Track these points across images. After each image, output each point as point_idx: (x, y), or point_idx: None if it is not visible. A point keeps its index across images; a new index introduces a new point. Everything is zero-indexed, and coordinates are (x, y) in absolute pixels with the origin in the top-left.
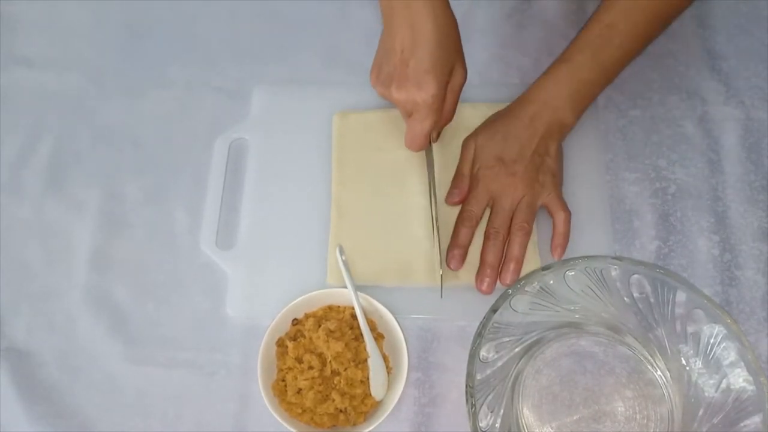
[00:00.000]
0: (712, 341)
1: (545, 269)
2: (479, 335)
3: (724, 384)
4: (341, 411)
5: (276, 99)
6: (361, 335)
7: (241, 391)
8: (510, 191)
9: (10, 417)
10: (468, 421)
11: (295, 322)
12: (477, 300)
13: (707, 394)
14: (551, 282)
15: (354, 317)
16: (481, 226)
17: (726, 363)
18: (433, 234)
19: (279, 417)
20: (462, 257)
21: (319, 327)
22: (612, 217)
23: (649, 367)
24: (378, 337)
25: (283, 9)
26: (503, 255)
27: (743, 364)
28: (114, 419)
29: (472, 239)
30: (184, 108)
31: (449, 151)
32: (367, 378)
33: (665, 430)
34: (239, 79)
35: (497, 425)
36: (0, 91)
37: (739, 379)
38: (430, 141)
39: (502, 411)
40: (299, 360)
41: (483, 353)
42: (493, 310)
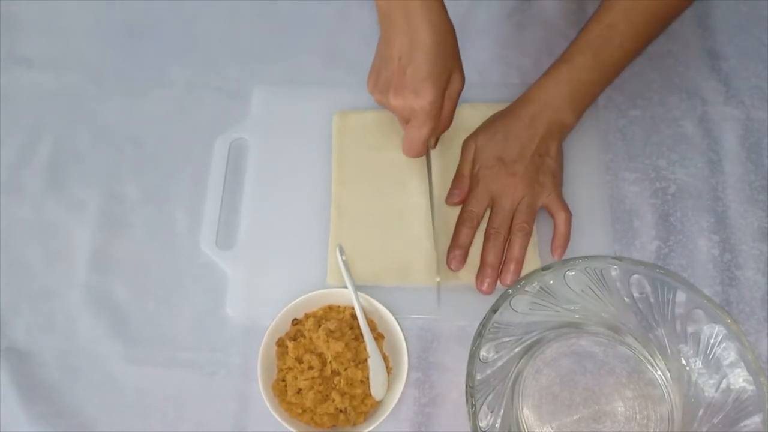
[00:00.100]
0: (712, 341)
1: (545, 269)
2: (479, 335)
3: (724, 384)
4: (341, 411)
5: (276, 99)
6: (361, 335)
7: (241, 391)
8: (510, 191)
9: (10, 417)
10: (468, 421)
11: (295, 322)
12: (477, 300)
13: (707, 394)
14: (551, 282)
15: (354, 317)
16: (481, 227)
17: (726, 363)
18: (433, 240)
19: (279, 417)
20: (463, 258)
21: (319, 327)
22: (612, 217)
23: (649, 367)
24: (378, 337)
25: (283, 9)
26: (503, 255)
27: (743, 364)
28: (114, 419)
29: (472, 240)
30: (184, 108)
31: (449, 152)
32: (367, 378)
33: (665, 430)
34: (239, 79)
35: (497, 425)
36: (0, 91)
37: (739, 379)
38: (428, 147)
39: (502, 411)
40: (299, 360)
41: (483, 353)
42: (493, 310)
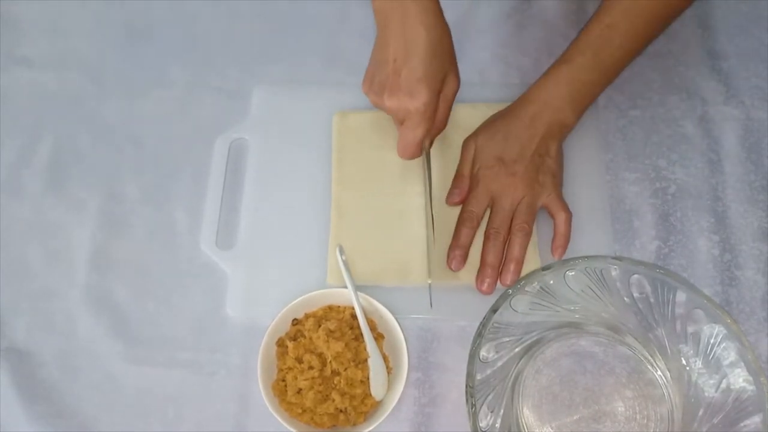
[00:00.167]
0: (712, 341)
1: (545, 269)
2: (479, 335)
3: (724, 384)
4: (341, 411)
5: (276, 99)
6: (361, 335)
7: (241, 391)
8: (510, 191)
9: (10, 417)
10: (468, 421)
11: (295, 322)
12: (477, 300)
13: (707, 394)
14: (551, 282)
15: (354, 317)
16: (481, 227)
17: (726, 363)
18: (430, 241)
19: (279, 417)
20: (463, 258)
21: (319, 327)
22: (612, 217)
23: (649, 367)
24: (378, 337)
25: (283, 9)
26: (503, 255)
27: (743, 364)
28: (114, 419)
29: (473, 240)
30: (184, 108)
31: (449, 152)
32: (367, 378)
33: (665, 430)
34: (239, 79)
35: (497, 425)
36: (0, 91)
37: (739, 379)
38: (423, 149)
39: (502, 411)
40: (299, 360)
41: (483, 353)
42: (493, 310)
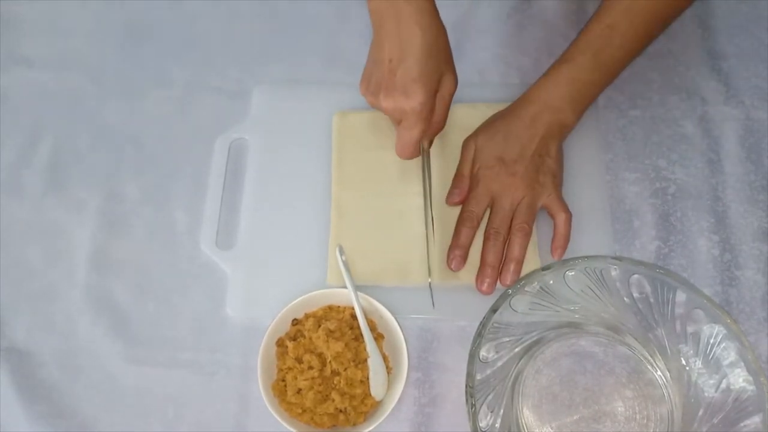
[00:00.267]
0: (712, 341)
1: (545, 269)
2: (479, 335)
3: (724, 384)
4: (341, 411)
5: (276, 99)
6: (361, 335)
7: (241, 391)
8: (510, 191)
9: (10, 417)
10: (468, 421)
11: (295, 322)
12: (477, 300)
13: (707, 394)
14: (551, 282)
15: (354, 317)
16: (481, 227)
17: (726, 363)
18: (428, 242)
19: (279, 417)
20: (463, 258)
21: (319, 327)
22: (612, 217)
23: (649, 367)
24: (378, 337)
25: (283, 9)
26: (503, 255)
27: (743, 364)
28: (114, 419)
29: (473, 240)
30: (184, 108)
31: (449, 152)
32: (367, 378)
33: (665, 430)
34: (239, 79)
35: (497, 425)
36: (0, 91)
37: (739, 379)
38: (422, 149)
39: (502, 411)
40: (299, 360)
41: (483, 353)
42: (493, 310)
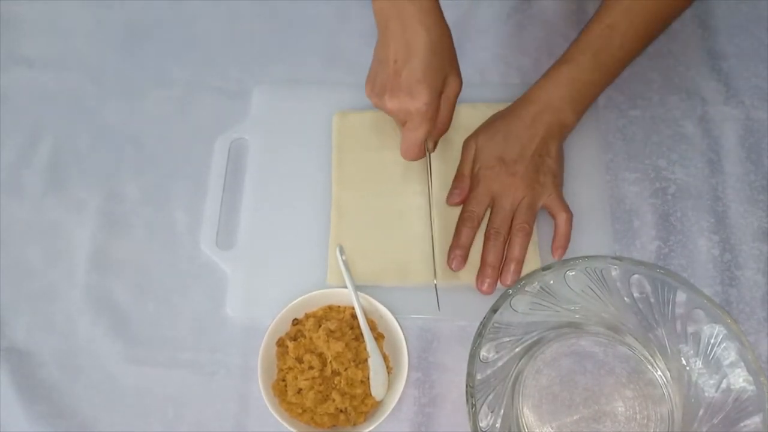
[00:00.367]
0: (712, 341)
1: (545, 269)
2: (479, 335)
3: (724, 384)
4: (341, 411)
5: (276, 99)
6: (362, 335)
7: (241, 391)
8: (511, 191)
9: (10, 417)
10: (468, 421)
11: (296, 322)
12: (477, 300)
13: (707, 394)
14: (551, 282)
15: (354, 317)
16: (482, 227)
17: (726, 363)
18: (433, 242)
19: (279, 417)
20: (464, 258)
21: (320, 327)
22: (612, 217)
23: (649, 367)
24: (378, 337)
25: (283, 9)
26: (504, 255)
27: (743, 364)
28: (114, 419)
29: (473, 240)
30: (184, 108)
31: (450, 152)
32: (368, 378)
33: (665, 430)
34: (239, 79)
35: (497, 425)
36: (0, 91)
37: (739, 379)
38: (426, 150)
39: (502, 411)
40: (299, 360)
41: (483, 353)
42: (494, 310)
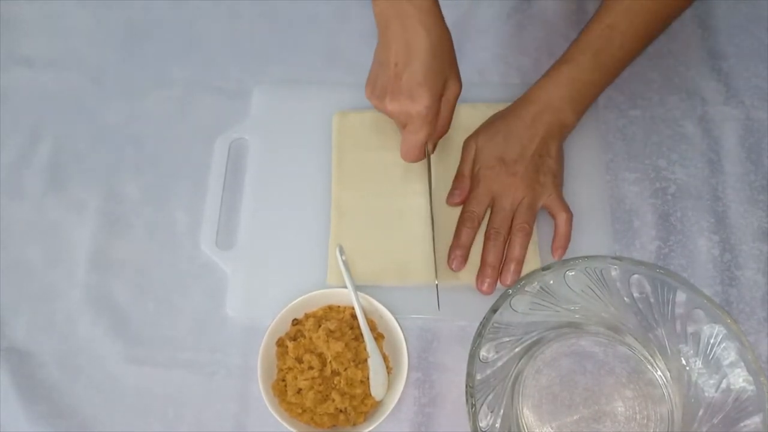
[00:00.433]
0: (712, 341)
1: (545, 269)
2: (479, 335)
3: (724, 384)
4: (341, 411)
5: (276, 99)
6: (361, 335)
7: (241, 391)
8: (511, 191)
9: (10, 417)
10: (468, 421)
11: (295, 322)
12: (477, 300)
13: (707, 394)
14: (551, 282)
15: (354, 317)
16: (482, 227)
17: (726, 363)
18: (431, 243)
19: (279, 417)
20: (464, 258)
21: (319, 327)
22: (612, 217)
23: (649, 367)
24: (378, 337)
25: (283, 9)
26: (504, 255)
27: (743, 364)
28: (114, 419)
29: (474, 240)
30: (184, 108)
31: (450, 152)
32: (367, 378)
33: (665, 430)
34: (239, 79)
35: (497, 425)
36: (0, 91)
37: (739, 379)
38: (426, 152)
39: (502, 411)
40: (299, 360)
41: (483, 353)
42: (494, 310)
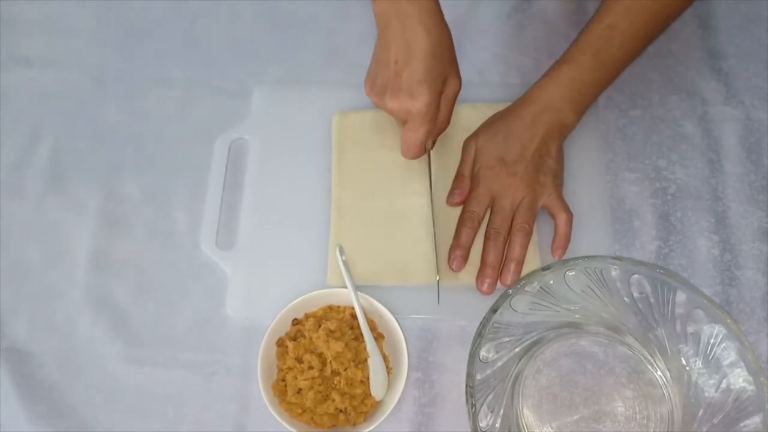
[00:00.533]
0: (712, 341)
1: (545, 269)
2: (479, 335)
3: (724, 384)
4: (341, 411)
5: (276, 99)
6: (361, 335)
7: (241, 391)
8: (511, 191)
9: (10, 417)
10: (468, 421)
11: (295, 322)
12: (477, 300)
13: (707, 394)
14: (551, 282)
15: (354, 317)
16: (482, 227)
17: (726, 363)
18: (432, 241)
19: (279, 417)
20: (464, 258)
21: (319, 327)
22: (612, 217)
23: (649, 367)
24: (378, 337)
25: (283, 9)
26: (504, 255)
27: (743, 364)
28: (114, 419)
29: (474, 240)
30: (184, 108)
31: (450, 152)
32: (367, 378)
33: (665, 430)
34: (239, 79)
35: (497, 425)
36: (0, 91)
37: (739, 379)
38: (426, 149)
39: (502, 411)
40: (299, 360)
41: (483, 353)
42: (493, 310)
